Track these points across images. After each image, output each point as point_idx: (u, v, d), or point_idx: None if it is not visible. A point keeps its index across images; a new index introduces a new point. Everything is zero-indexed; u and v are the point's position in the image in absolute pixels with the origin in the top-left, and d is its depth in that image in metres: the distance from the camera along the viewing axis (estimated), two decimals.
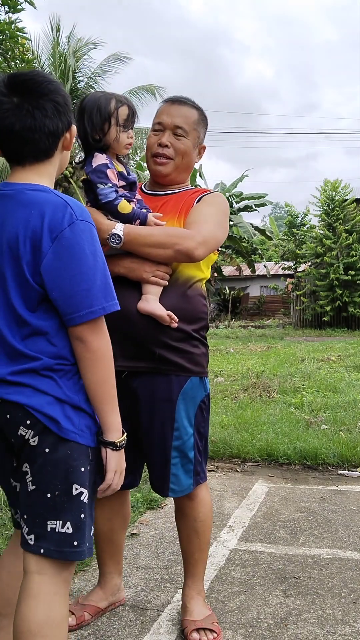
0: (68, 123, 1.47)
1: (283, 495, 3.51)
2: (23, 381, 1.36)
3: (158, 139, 2.02)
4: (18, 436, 1.37)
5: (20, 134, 1.40)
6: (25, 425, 1.36)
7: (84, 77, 19.01)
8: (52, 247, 1.34)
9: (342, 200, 20.35)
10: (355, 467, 4.01)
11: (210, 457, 4.22)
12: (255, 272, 27.00)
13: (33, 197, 1.38)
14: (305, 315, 20.99)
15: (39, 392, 1.36)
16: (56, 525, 1.36)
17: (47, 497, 1.36)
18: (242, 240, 22.65)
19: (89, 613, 2.11)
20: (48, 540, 1.36)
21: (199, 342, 2.00)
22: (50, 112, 1.42)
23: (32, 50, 15.65)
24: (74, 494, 1.37)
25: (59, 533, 1.36)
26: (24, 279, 1.36)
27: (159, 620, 2.14)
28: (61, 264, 1.35)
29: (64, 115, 1.45)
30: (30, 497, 1.38)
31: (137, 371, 1.92)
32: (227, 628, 2.08)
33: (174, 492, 1.99)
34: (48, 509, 1.36)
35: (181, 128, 2.01)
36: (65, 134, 1.48)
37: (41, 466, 1.36)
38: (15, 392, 1.36)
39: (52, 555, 1.35)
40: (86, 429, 1.41)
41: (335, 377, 7.82)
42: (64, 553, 1.36)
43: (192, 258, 1.88)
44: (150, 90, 18.44)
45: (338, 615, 2.16)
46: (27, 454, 1.38)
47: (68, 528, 1.36)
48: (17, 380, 1.36)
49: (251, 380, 7.27)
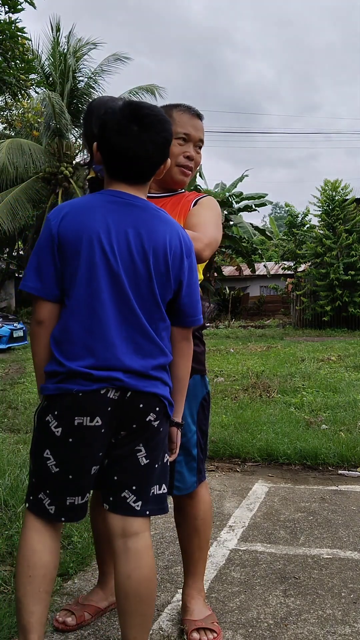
0: (166, 157, 1.72)
1: (283, 495, 3.51)
2: (157, 375, 1.65)
3: (184, 150, 2.08)
4: (145, 422, 1.63)
5: (134, 159, 1.63)
6: (154, 412, 1.64)
7: (84, 77, 19.00)
8: (187, 262, 1.69)
9: (342, 200, 20.34)
10: (355, 467, 4.01)
11: (210, 457, 4.22)
12: (255, 272, 26.98)
13: (167, 217, 1.70)
14: (305, 315, 20.97)
15: (165, 384, 1.69)
16: (155, 489, 1.68)
17: (155, 467, 1.67)
18: (242, 240, 22.64)
19: (89, 613, 2.12)
20: (152, 502, 1.67)
21: (199, 340, 2.06)
22: (160, 146, 1.66)
23: (32, 50, 15.65)
24: (164, 460, 1.73)
25: (157, 495, 1.69)
26: (167, 283, 1.65)
27: (159, 620, 2.14)
28: (191, 277, 1.70)
29: (168, 150, 1.70)
30: (141, 471, 1.65)
31: None
32: (227, 628, 2.08)
33: (178, 490, 2.00)
34: (154, 477, 1.68)
35: (202, 141, 2.13)
36: (166, 163, 1.73)
37: (156, 443, 1.67)
38: (151, 385, 1.63)
39: (154, 512, 1.69)
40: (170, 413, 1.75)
41: (335, 377, 7.82)
42: (164, 508, 1.71)
43: (201, 259, 1.93)
44: (150, 90, 18.43)
45: (338, 615, 2.16)
46: (146, 435, 1.65)
47: (164, 488, 1.71)
48: (154, 375, 1.64)
49: (251, 380, 7.27)
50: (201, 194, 2.15)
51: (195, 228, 1.96)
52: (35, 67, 6.00)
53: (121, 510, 1.66)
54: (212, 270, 22.63)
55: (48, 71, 18.46)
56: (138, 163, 1.64)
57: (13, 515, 2.91)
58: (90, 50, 18.83)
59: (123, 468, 1.65)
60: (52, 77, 18.16)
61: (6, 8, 4.68)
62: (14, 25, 4.72)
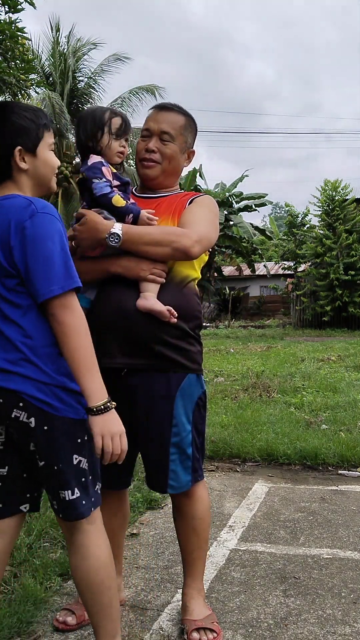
0: (10, 145, 1.65)
1: (283, 495, 3.51)
2: (13, 369, 1.54)
3: (145, 144, 2.08)
4: (13, 419, 1.54)
5: None
6: (19, 408, 1.53)
7: (84, 77, 18.99)
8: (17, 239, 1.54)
9: (342, 200, 20.34)
10: (355, 467, 4.01)
11: (210, 457, 4.22)
12: (255, 272, 26.96)
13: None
14: (305, 315, 20.98)
15: (26, 378, 1.54)
16: (66, 494, 1.58)
17: (54, 470, 1.57)
18: (242, 240, 22.63)
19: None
20: (64, 507, 1.60)
21: (195, 340, 2.05)
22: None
23: (32, 50, 15.64)
24: (74, 463, 1.59)
25: (69, 500, 1.59)
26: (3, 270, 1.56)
27: (159, 620, 2.14)
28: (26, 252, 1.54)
29: (6, 137, 1.64)
30: (42, 473, 1.59)
31: (136, 369, 1.94)
32: (227, 628, 2.08)
33: (172, 489, 2.00)
34: (58, 481, 1.58)
35: (167, 133, 2.07)
36: (14, 154, 1.65)
37: (48, 444, 1.56)
38: (6, 379, 1.53)
39: (70, 517, 1.61)
40: (76, 404, 1.58)
41: (335, 377, 7.82)
42: (79, 513, 1.60)
43: (189, 255, 1.92)
44: (150, 90, 18.42)
45: (338, 615, 2.16)
46: (30, 434, 1.56)
47: (77, 493, 1.59)
48: (8, 369, 1.54)
49: (251, 380, 7.27)
50: (198, 194, 2.14)
51: (186, 225, 1.96)
52: (35, 67, 6.00)
53: (53, 509, 1.67)
54: (212, 270, 22.62)
55: (48, 71, 18.46)
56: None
57: None
58: (90, 50, 18.82)
59: (32, 468, 1.64)
60: (52, 77, 18.16)
61: (6, 8, 4.67)
62: (14, 25, 4.71)
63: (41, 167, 1.70)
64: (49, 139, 1.72)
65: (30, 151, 1.68)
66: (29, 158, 1.68)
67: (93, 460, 1.66)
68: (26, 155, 1.67)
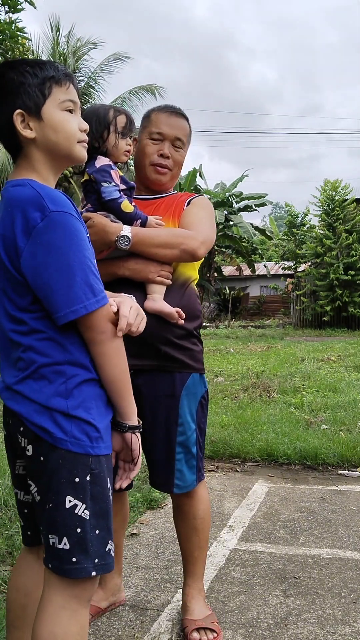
0: (9, 109, 1.32)
1: (283, 495, 3.51)
2: (19, 389, 1.32)
3: (159, 149, 2.07)
4: (18, 443, 1.34)
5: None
6: (20, 433, 1.32)
7: (84, 77, 19.00)
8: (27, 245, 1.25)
9: (342, 200, 20.34)
10: (355, 467, 4.01)
11: (210, 457, 4.22)
12: (255, 272, 27.00)
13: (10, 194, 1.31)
14: (305, 315, 20.98)
15: (26, 399, 1.30)
16: (55, 540, 1.28)
17: (46, 509, 1.29)
18: (242, 240, 22.66)
19: (90, 613, 2.10)
20: (52, 555, 1.29)
21: (197, 339, 2.07)
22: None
23: (32, 50, 15.65)
24: (67, 506, 1.27)
25: (57, 549, 1.27)
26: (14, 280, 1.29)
27: (159, 620, 2.14)
28: (38, 262, 1.25)
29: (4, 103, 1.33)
30: (37, 509, 1.34)
31: (142, 369, 1.94)
32: (227, 628, 2.08)
33: (179, 488, 2.01)
34: (47, 522, 1.29)
35: (180, 140, 2.09)
36: (14, 119, 1.32)
37: (47, 478, 1.29)
38: (11, 398, 1.32)
39: (56, 571, 1.28)
40: (80, 434, 1.29)
41: (335, 377, 7.82)
42: (64, 570, 1.27)
43: (196, 257, 1.94)
44: (150, 90, 18.43)
45: (338, 615, 2.16)
46: (29, 462, 1.33)
47: (65, 544, 1.27)
48: (15, 389, 1.32)
49: (251, 380, 7.27)
50: (194, 194, 2.16)
51: (190, 227, 1.97)
52: None
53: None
54: (212, 270, 22.63)
55: None
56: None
57: (13, 515, 2.91)
58: (90, 50, 18.83)
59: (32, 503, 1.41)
60: None
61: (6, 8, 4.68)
62: (14, 25, 4.72)
63: (51, 134, 1.33)
64: (61, 95, 1.34)
65: (34, 114, 1.32)
66: (34, 123, 1.32)
67: (100, 510, 1.32)
68: (31, 120, 1.32)
